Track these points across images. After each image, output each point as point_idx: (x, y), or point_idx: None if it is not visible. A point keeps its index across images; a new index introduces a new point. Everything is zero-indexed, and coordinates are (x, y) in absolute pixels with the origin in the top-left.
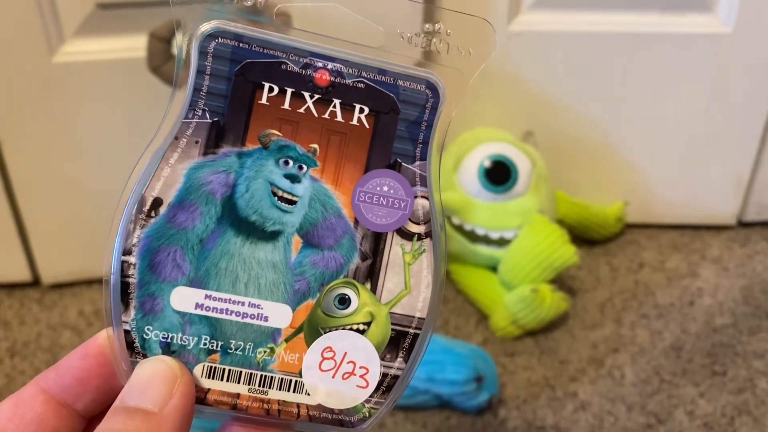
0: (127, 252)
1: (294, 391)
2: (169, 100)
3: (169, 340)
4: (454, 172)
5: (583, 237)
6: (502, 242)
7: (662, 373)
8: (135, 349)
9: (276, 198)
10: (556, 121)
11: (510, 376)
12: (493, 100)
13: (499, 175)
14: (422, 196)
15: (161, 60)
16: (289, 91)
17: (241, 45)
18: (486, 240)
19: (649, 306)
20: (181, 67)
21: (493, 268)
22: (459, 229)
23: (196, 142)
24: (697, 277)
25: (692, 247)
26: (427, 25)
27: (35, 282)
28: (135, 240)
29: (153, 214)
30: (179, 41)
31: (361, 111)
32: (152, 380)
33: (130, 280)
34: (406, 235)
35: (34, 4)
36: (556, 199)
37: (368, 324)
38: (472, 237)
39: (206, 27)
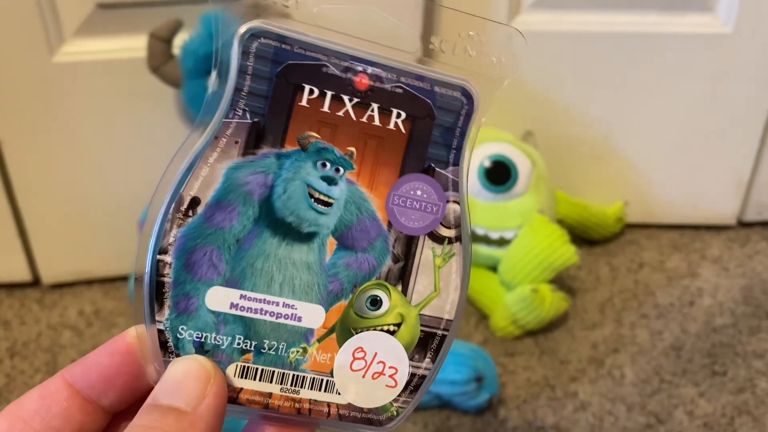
0: (162, 251)
1: (325, 391)
2: (206, 98)
3: (202, 340)
4: None
5: (583, 237)
6: (502, 242)
7: (662, 373)
8: (168, 348)
9: (313, 200)
10: (556, 121)
11: (510, 376)
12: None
13: (499, 175)
14: (454, 201)
15: (161, 60)
16: (329, 93)
17: (283, 46)
18: (486, 240)
19: (649, 306)
20: (217, 65)
21: (493, 268)
22: None
23: (236, 143)
24: (697, 277)
25: (692, 247)
26: (460, 33)
27: (35, 282)
28: (171, 239)
29: (190, 213)
30: (224, 39)
31: (398, 116)
32: (185, 379)
33: (165, 279)
34: (438, 239)
35: (34, 4)
36: (556, 199)
37: (398, 325)
38: (472, 237)
39: (249, 26)
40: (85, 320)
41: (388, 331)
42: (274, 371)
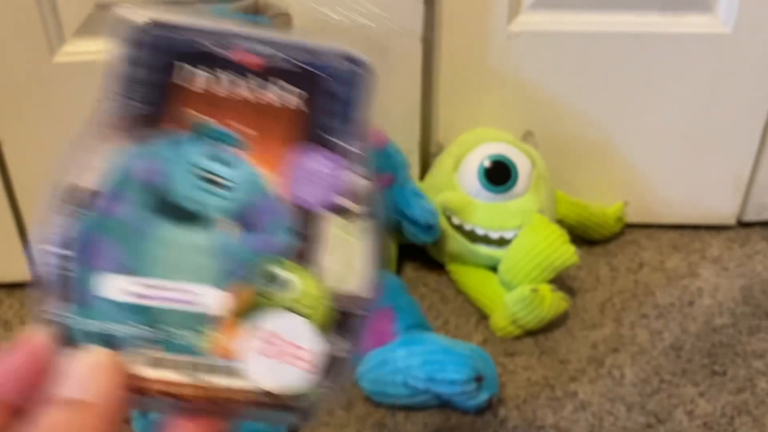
0: (59, 244)
1: (236, 378)
2: (101, 90)
3: (105, 331)
4: (454, 172)
5: (583, 237)
6: (502, 242)
7: (662, 373)
8: (72, 341)
9: (204, 181)
10: (556, 121)
11: (510, 376)
12: (493, 100)
13: (499, 175)
14: (357, 174)
15: None
16: (220, 75)
17: (161, 32)
18: (486, 240)
19: (649, 306)
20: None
21: (493, 268)
22: (459, 229)
23: (121, 131)
24: (697, 277)
25: (692, 247)
26: (354, 3)
27: None
28: (68, 231)
29: (83, 204)
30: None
31: (287, 89)
32: (89, 371)
33: (65, 272)
34: (342, 214)
35: (34, 4)
36: (556, 199)
37: (308, 305)
38: (472, 237)
39: (134, 16)
40: None
41: (295, 311)
42: (180, 360)
